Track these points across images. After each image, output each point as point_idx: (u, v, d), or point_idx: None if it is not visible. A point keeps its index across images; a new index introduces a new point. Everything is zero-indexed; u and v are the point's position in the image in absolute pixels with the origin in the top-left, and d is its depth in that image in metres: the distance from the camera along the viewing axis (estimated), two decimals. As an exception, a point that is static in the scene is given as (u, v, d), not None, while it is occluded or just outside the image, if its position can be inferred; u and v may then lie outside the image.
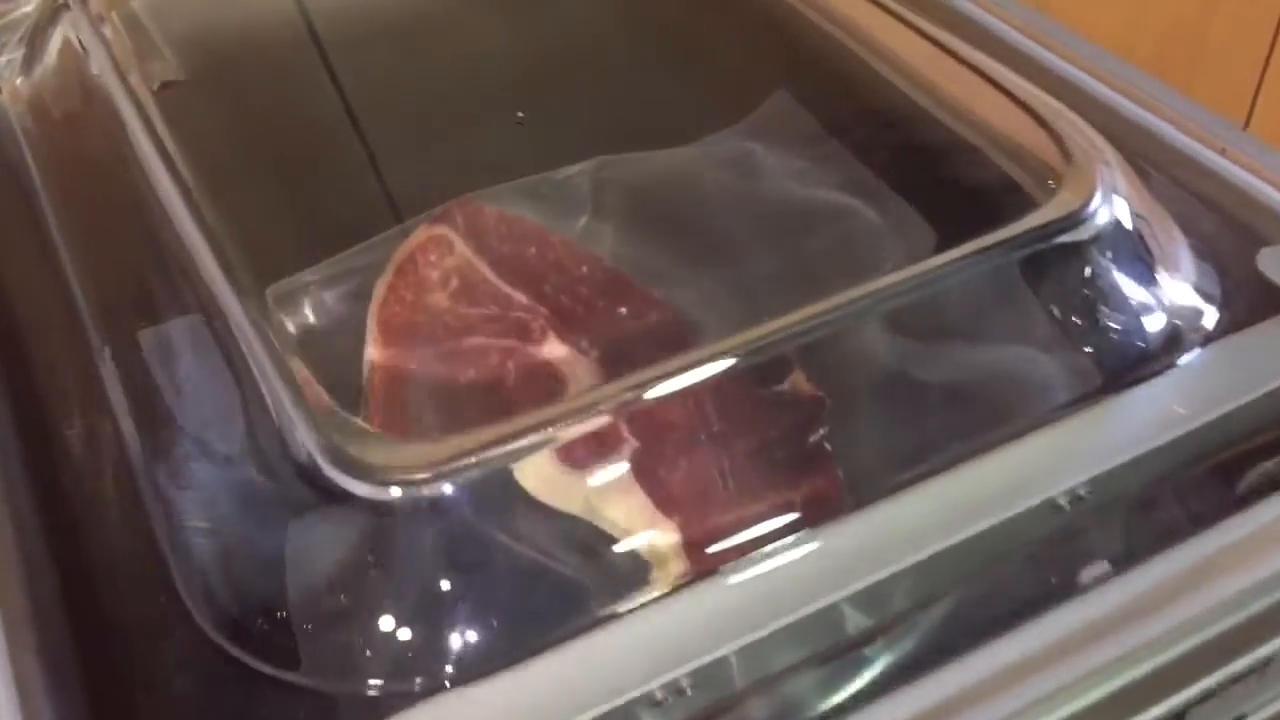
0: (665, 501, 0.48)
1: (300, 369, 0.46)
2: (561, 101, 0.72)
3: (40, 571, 0.47)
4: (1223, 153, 0.61)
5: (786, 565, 0.46)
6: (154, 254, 0.56)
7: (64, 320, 0.57)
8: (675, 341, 0.57)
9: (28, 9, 0.69)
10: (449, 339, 0.58)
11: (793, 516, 0.47)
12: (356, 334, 0.57)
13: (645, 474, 0.47)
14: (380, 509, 0.44)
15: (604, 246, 0.61)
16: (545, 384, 0.55)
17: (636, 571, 0.46)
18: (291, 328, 0.56)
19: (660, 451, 0.48)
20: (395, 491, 0.45)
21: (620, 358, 0.55)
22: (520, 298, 0.59)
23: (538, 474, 0.47)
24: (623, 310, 0.59)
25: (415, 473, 0.44)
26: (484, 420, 0.47)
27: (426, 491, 0.44)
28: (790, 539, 0.46)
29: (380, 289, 0.60)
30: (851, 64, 0.66)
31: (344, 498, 0.44)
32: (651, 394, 0.47)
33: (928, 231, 0.58)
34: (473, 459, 0.45)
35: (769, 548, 0.46)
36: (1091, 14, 1.21)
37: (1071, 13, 0.86)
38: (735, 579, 0.46)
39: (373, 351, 0.58)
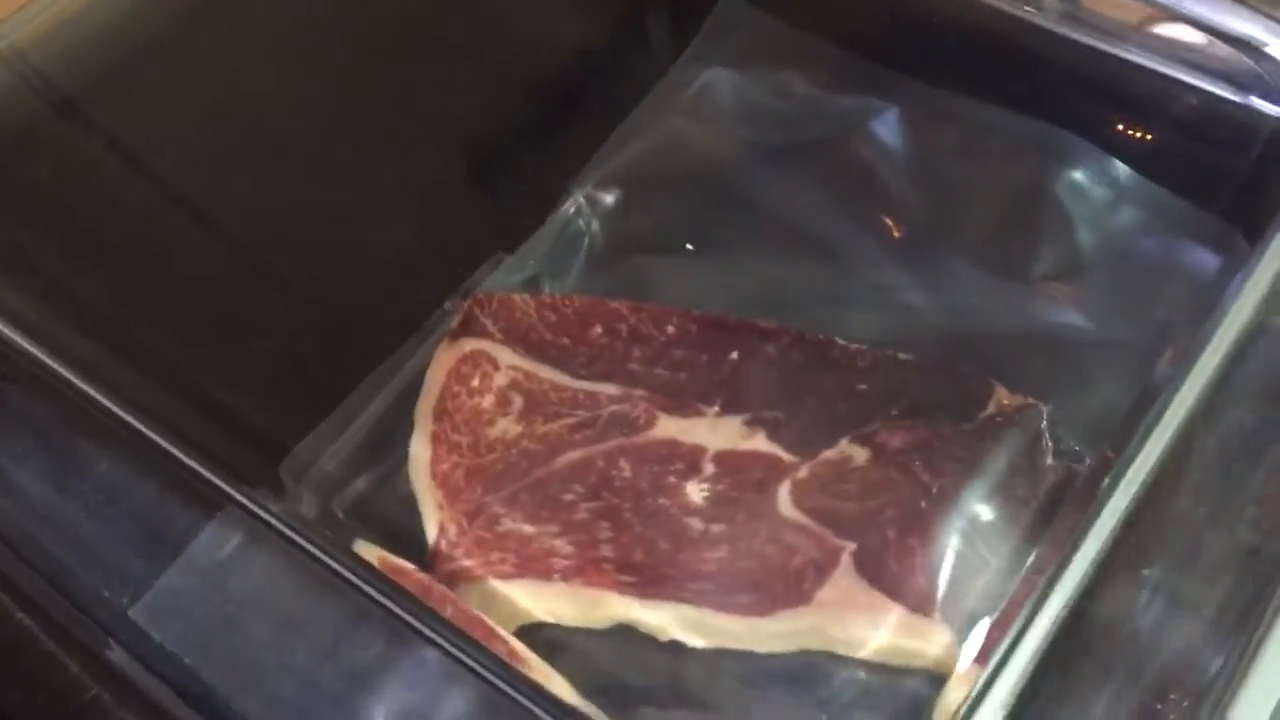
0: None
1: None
2: (463, 96, 0.56)
3: None
4: None
5: None
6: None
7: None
8: (818, 361, 0.46)
9: None
10: (538, 467, 0.46)
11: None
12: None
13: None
14: None
15: (666, 283, 0.49)
16: (670, 461, 0.45)
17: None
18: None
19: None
20: None
21: (757, 401, 0.45)
22: (609, 389, 0.47)
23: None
24: (735, 355, 0.47)
25: None
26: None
27: None
28: None
29: (420, 448, 0.46)
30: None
31: None
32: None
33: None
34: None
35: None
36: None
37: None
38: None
39: (441, 518, 0.45)
